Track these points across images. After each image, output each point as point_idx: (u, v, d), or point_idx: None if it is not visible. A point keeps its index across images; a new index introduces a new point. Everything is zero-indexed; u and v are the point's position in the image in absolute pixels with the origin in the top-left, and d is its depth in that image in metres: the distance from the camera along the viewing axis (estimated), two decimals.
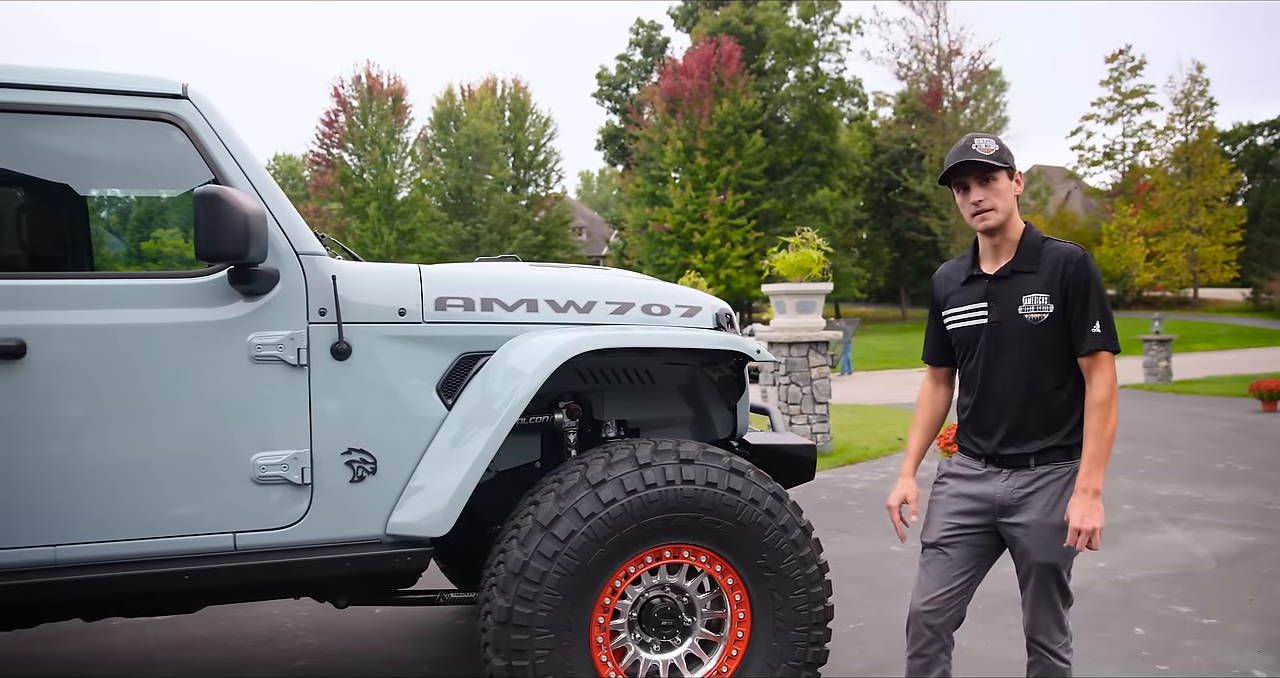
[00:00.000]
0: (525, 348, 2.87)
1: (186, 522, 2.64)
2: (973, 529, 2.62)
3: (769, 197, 40.43)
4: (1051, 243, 2.56)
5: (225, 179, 2.68)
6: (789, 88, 43.00)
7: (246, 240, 2.50)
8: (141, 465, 2.59)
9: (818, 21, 43.86)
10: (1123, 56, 41.25)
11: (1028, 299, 2.51)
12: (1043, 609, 2.58)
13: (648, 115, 41.42)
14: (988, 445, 2.59)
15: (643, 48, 47.53)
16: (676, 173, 39.11)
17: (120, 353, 2.57)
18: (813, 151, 41.61)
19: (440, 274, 2.97)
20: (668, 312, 3.24)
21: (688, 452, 2.88)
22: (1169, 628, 4.23)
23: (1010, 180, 2.54)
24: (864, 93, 46.60)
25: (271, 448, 2.70)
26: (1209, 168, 38.09)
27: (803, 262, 9.70)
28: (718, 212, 37.65)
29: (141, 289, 2.63)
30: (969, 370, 2.65)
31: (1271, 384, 13.24)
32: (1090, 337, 2.45)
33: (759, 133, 39.07)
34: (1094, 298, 2.46)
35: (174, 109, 2.67)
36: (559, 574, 2.69)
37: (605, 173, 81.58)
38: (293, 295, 2.72)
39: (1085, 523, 2.39)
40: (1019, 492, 2.54)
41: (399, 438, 2.83)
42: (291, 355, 2.70)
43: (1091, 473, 2.42)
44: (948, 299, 2.71)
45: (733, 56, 38.36)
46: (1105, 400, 2.43)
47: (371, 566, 2.76)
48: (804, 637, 2.94)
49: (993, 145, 2.53)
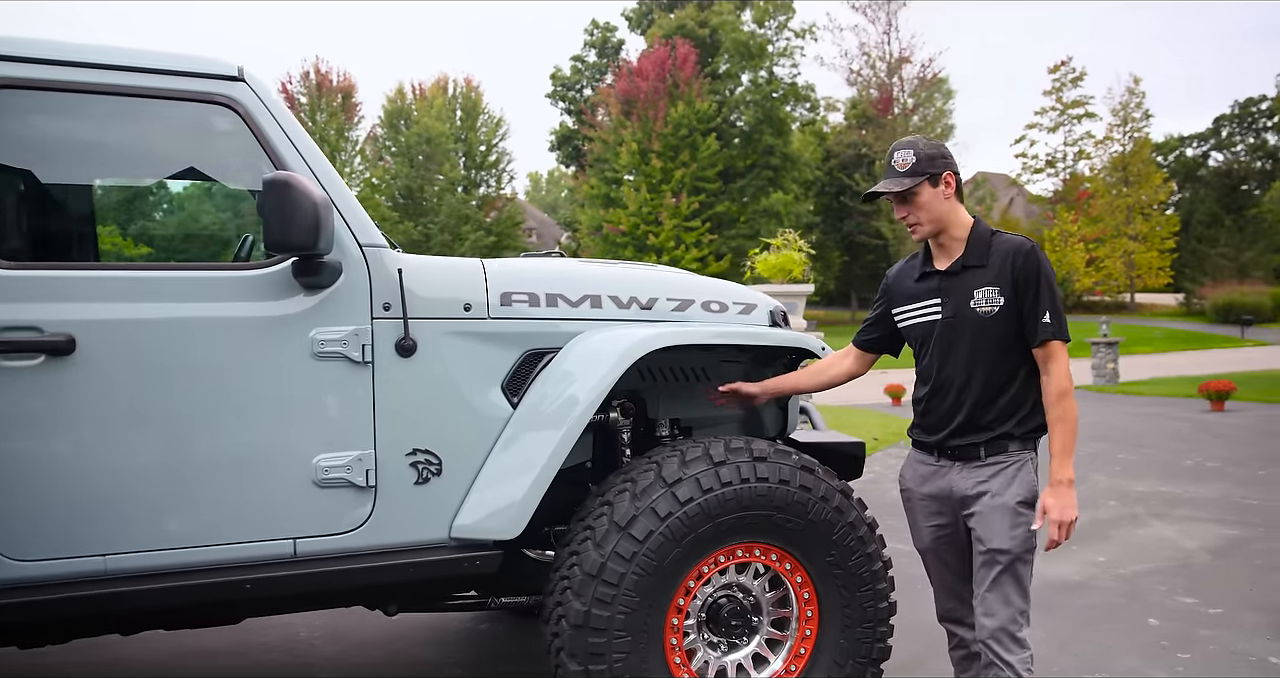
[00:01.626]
0: (595, 344, 2.79)
1: (244, 528, 2.51)
2: (951, 527, 2.65)
3: (723, 199, 40.56)
4: (1000, 236, 2.57)
5: (284, 166, 2.56)
6: (743, 92, 43.24)
7: (317, 230, 2.39)
8: (196, 468, 2.46)
9: (772, 26, 44.20)
10: (1064, 68, 42.24)
11: (979, 293, 2.52)
12: (997, 606, 2.48)
13: (602, 117, 41.32)
14: (939, 436, 2.60)
15: (597, 49, 47.44)
16: (631, 175, 39.05)
17: (175, 349, 2.44)
18: (767, 155, 41.87)
19: (504, 268, 2.88)
20: (726, 309, 3.19)
21: (760, 449, 2.82)
22: (1180, 619, 4.30)
23: (936, 187, 2.54)
24: (816, 98, 47.04)
25: (334, 449, 2.58)
26: (1145, 177, 39.17)
27: (784, 263, 9.73)
28: (672, 214, 37.67)
29: (198, 281, 2.50)
30: (923, 366, 2.66)
31: (1219, 385, 13.66)
32: (1042, 327, 2.46)
33: (714, 136, 39.19)
34: (1044, 289, 2.47)
35: (229, 92, 2.55)
36: (636, 576, 2.62)
37: (555, 174, 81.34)
38: (356, 289, 2.61)
39: (1065, 514, 2.40)
40: (971, 481, 2.55)
41: (464, 438, 2.73)
42: (356, 352, 2.58)
43: (1063, 464, 2.43)
44: (899, 296, 2.74)
45: (688, 59, 38.45)
46: (1064, 390, 2.45)
47: (439, 571, 2.66)
48: (870, 633, 2.91)
49: (910, 157, 2.53)
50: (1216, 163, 49.87)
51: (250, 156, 2.58)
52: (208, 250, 5.82)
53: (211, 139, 2.68)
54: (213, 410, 2.47)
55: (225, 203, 5.13)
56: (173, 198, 5.22)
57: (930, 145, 2.58)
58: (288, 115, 2.60)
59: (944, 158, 2.56)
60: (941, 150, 2.58)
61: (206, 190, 5.09)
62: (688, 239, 37.87)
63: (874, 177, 41.75)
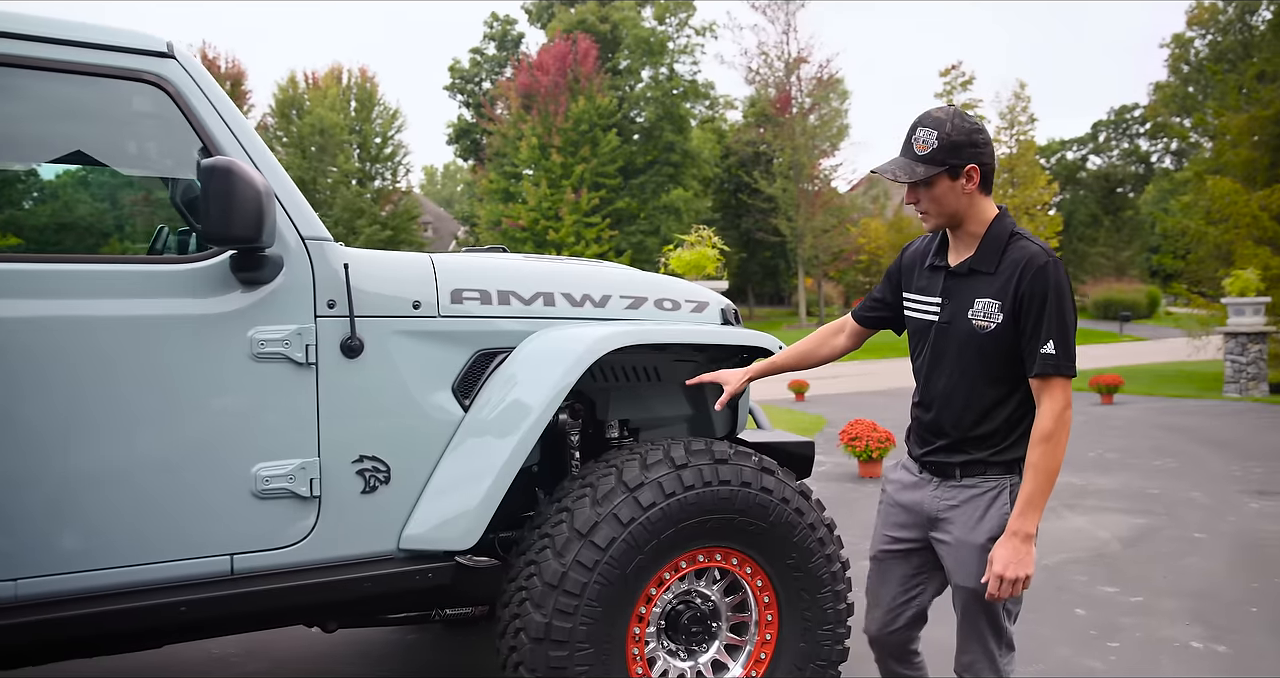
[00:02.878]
0: (551, 344, 2.67)
1: (175, 544, 2.31)
2: (909, 543, 2.42)
3: (623, 195, 40.57)
4: (1018, 241, 2.21)
5: (219, 151, 2.36)
6: (644, 88, 43.32)
7: (260, 221, 2.20)
8: (122, 481, 2.24)
9: (673, 23, 44.38)
10: (955, 71, 43.54)
11: (979, 303, 2.22)
12: (970, 642, 2.34)
13: (501, 111, 40.79)
14: (922, 450, 2.39)
15: (497, 42, 46.80)
16: (531, 170, 38.70)
17: (98, 350, 2.22)
18: (667, 152, 42.05)
19: (454, 264, 2.73)
20: (678, 307, 3.11)
21: (721, 451, 2.75)
22: (1104, 608, 4.43)
23: (956, 179, 2.18)
24: (716, 95, 47.49)
25: (275, 457, 2.40)
26: (1030, 178, 40.65)
27: (698, 259, 9.72)
28: (572, 210, 37.47)
29: (123, 276, 2.28)
30: (917, 365, 2.42)
31: (1108, 379, 14.27)
32: (1041, 358, 2.13)
33: (614, 132, 39.13)
34: (1050, 312, 2.13)
35: (159, 69, 2.33)
36: (600, 585, 2.51)
37: (451, 168, 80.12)
38: (298, 285, 2.43)
39: (1010, 571, 2.11)
40: (944, 503, 2.32)
41: (414, 443, 2.58)
42: (299, 352, 2.40)
43: (1025, 513, 2.13)
44: (910, 279, 2.44)
45: (589, 55, 38.28)
46: (1050, 433, 2.12)
47: (391, 585, 2.50)
48: (829, 635, 2.88)
49: (932, 140, 2.16)
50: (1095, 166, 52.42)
51: (169, 141, 2.38)
52: (84, 243, 5.42)
53: (131, 121, 2.45)
54: (140, 417, 2.26)
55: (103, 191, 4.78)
56: (44, 185, 4.83)
57: (960, 128, 2.16)
58: (222, 96, 2.40)
59: (972, 147, 2.17)
60: (972, 137, 2.18)
61: (84, 177, 4.73)
62: (588, 235, 37.75)
63: (772, 174, 42.42)
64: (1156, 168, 51.02)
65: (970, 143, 2.18)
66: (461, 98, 47.86)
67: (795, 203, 41.11)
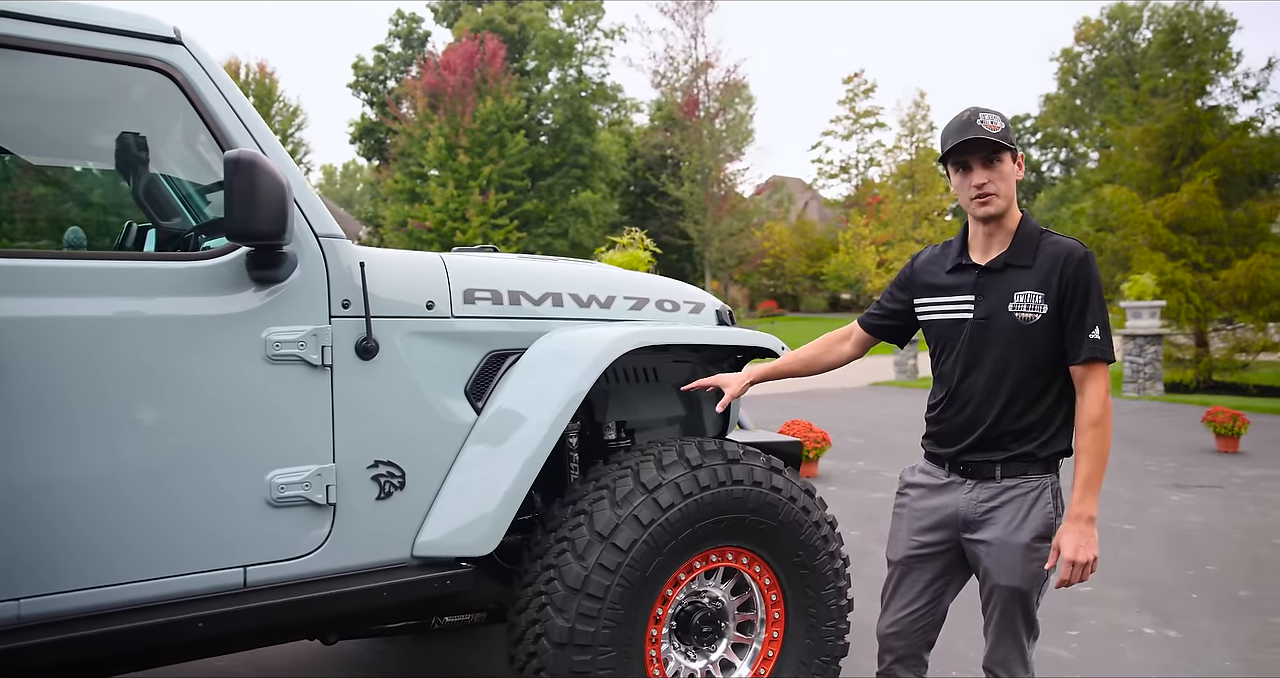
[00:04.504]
0: (566, 345, 2.64)
1: (185, 558, 2.20)
2: (937, 546, 2.42)
3: (531, 197, 40.31)
4: (1050, 237, 2.31)
5: (230, 143, 2.26)
6: (552, 89, 43.13)
7: (284, 217, 2.12)
8: (131, 492, 2.12)
9: (581, 25, 44.31)
10: (857, 79, 44.79)
11: (1020, 296, 2.27)
12: (1005, 639, 2.37)
13: (407, 110, 40.04)
14: (953, 450, 2.37)
15: (402, 40, 45.87)
16: (437, 170, 38.10)
17: (107, 353, 2.10)
18: (575, 154, 41.94)
19: (465, 264, 2.68)
20: (678, 308, 3.11)
21: (733, 451, 2.76)
22: (1057, 598, 4.56)
23: (1014, 163, 2.28)
24: (623, 98, 47.60)
25: (291, 464, 2.30)
26: (929, 184, 42.04)
27: (630, 261, 9.72)
28: (480, 211, 37.01)
29: (133, 273, 2.16)
30: (944, 368, 2.40)
31: None
32: (1088, 343, 2.22)
33: (522, 133, 38.81)
34: (1094, 301, 2.23)
35: (166, 55, 2.22)
36: (622, 587, 2.49)
37: (350, 167, 78.24)
38: (313, 284, 2.34)
39: (1080, 555, 2.18)
40: (982, 505, 2.32)
41: (428, 447, 2.52)
42: (314, 354, 2.31)
43: (1085, 498, 2.19)
44: (923, 287, 2.46)
45: (497, 55, 37.86)
46: (1100, 417, 2.21)
47: (410, 593, 2.42)
48: (833, 631, 2.92)
49: (999, 122, 2.25)
50: None
51: (172, 132, 2.26)
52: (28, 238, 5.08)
53: (133, 110, 2.32)
54: (150, 423, 2.15)
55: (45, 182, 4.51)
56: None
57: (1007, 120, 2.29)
58: (231, 85, 2.30)
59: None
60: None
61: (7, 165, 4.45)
62: (495, 236, 37.35)
63: (680, 178, 42.74)
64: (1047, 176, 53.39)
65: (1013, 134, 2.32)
66: (365, 96, 46.80)
67: (703, 206, 41.51)
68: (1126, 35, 37.49)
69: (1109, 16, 48.84)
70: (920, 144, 41.73)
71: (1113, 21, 44.90)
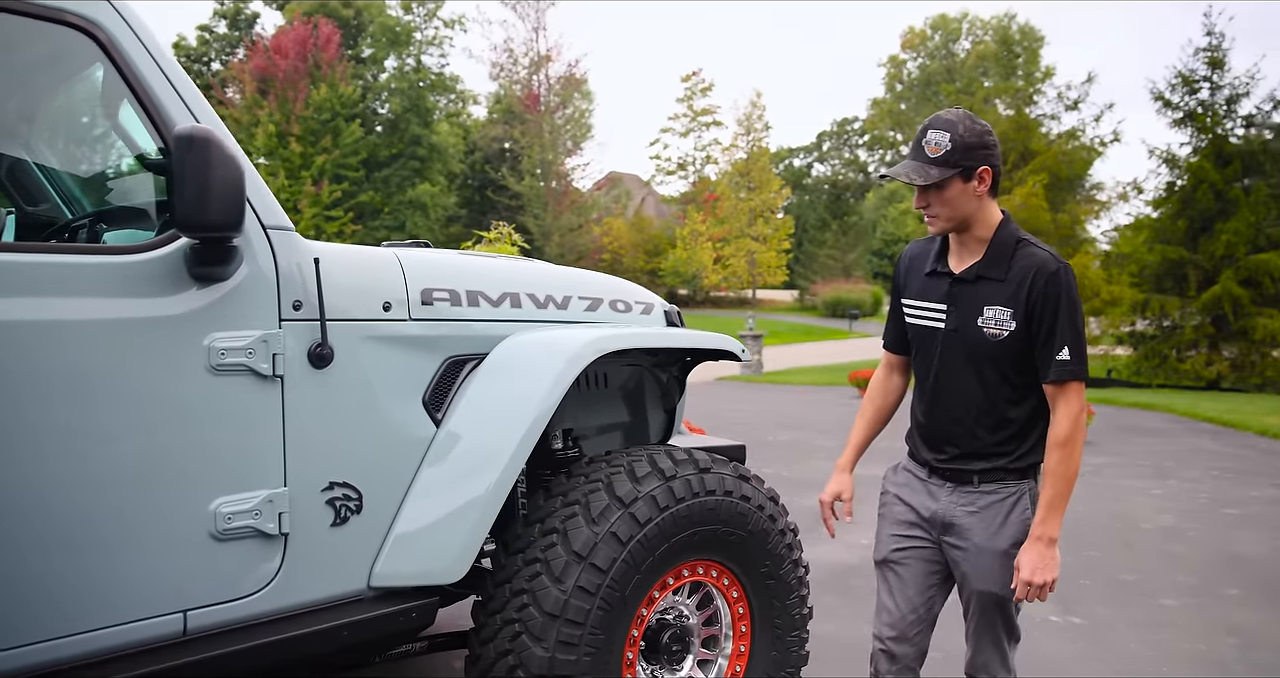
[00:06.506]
0: (533, 350, 2.44)
1: (116, 607, 1.87)
2: (920, 543, 2.38)
3: (367, 189, 38.92)
4: (1026, 248, 2.21)
5: (164, 118, 1.94)
6: (389, 78, 41.73)
7: (242, 204, 1.83)
8: (51, 532, 1.78)
9: (420, 13, 43.05)
10: (695, 78, 45.54)
11: (989, 311, 2.20)
12: (985, 643, 2.36)
13: (234, 94, 37.77)
14: (931, 456, 2.35)
15: (229, 20, 43.21)
16: (267, 159, 36.15)
17: (19, 363, 1.75)
18: (413, 146, 40.78)
19: (421, 261, 2.43)
20: (630, 309, 2.96)
21: (703, 460, 2.63)
22: None
23: (969, 182, 2.16)
24: (462, 90, 46.61)
25: (239, 490, 2.01)
26: (764, 183, 43.30)
27: None
28: (313, 202, 35.39)
29: (51, 270, 1.81)
30: (921, 373, 2.38)
31: (866, 374, 15.39)
32: (1056, 364, 2.14)
33: (358, 122, 37.41)
34: (1063, 318, 2.14)
35: (90, 13, 1.87)
36: (602, 611, 2.32)
37: None
38: (260, 283, 2.05)
39: (1037, 576, 2.14)
40: (960, 509, 2.29)
41: (386, 466, 2.26)
42: (264, 363, 2.02)
43: (1048, 519, 2.16)
44: (909, 286, 2.40)
45: (331, 40, 36.26)
46: (1067, 438, 2.14)
47: (371, 630, 2.16)
48: (796, 640, 2.84)
49: (945, 142, 2.13)
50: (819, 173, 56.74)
51: (116, 101, 1.92)
52: None
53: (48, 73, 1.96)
54: (77, 450, 1.81)
55: None
56: None
57: (973, 131, 2.14)
58: (164, 50, 1.97)
59: (985, 149, 2.15)
60: (984, 139, 2.16)
61: None
62: (329, 229, 35.83)
63: (520, 172, 42.26)
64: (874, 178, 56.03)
65: (982, 145, 2.16)
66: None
67: (543, 201, 41.21)
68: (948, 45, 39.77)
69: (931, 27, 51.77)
70: (756, 143, 42.87)
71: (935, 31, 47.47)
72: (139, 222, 2.25)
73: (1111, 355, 18.81)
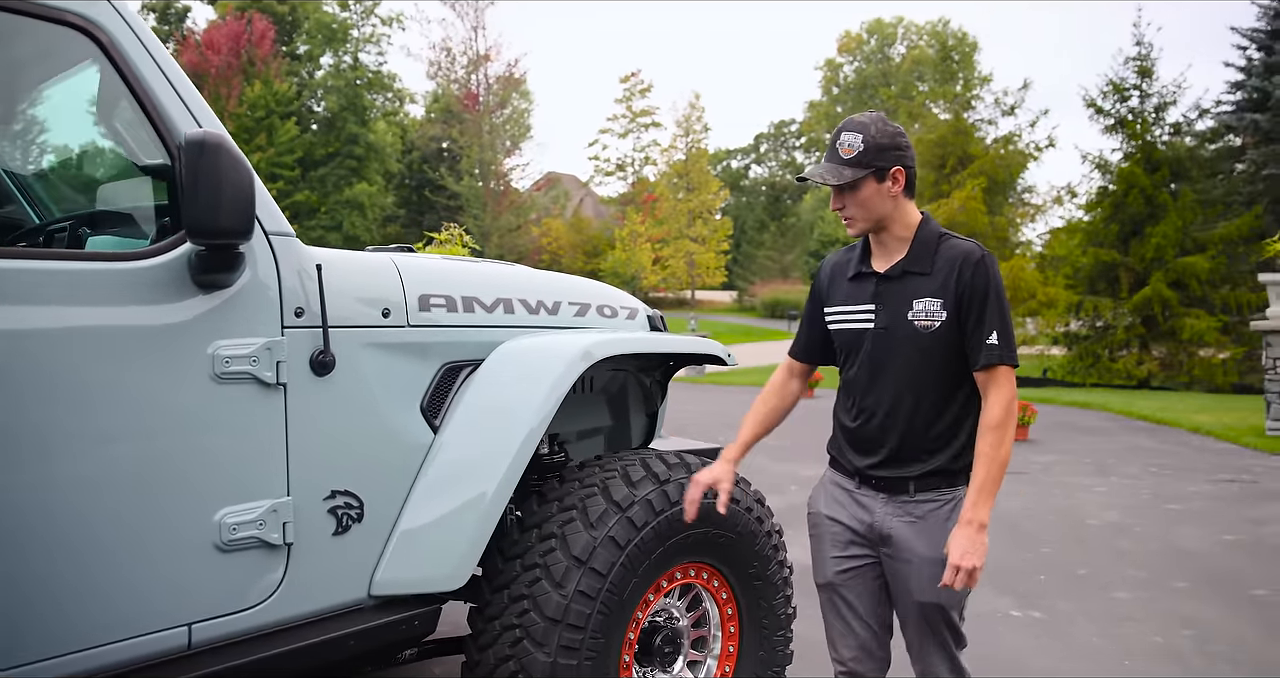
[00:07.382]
0: (533, 355, 2.45)
1: (121, 622, 1.83)
2: (862, 560, 2.33)
3: (302, 188, 38.26)
4: (949, 240, 2.25)
5: (166, 122, 1.90)
6: (325, 76, 41.05)
7: (253, 210, 1.81)
8: (54, 546, 1.74)
9: (358, 10, 42.41)
10: (634, 79, 45.65)
11: (918, 304, 2.21)
12: (936, 659, 2.31)
13: None
14: (863, 463, 2.29)
15: (158, 14, 42.01)
16: None
17: (23, 371, 1.71)
18: (350, 144, 40.18)
19: (417, 267, 2.42)
20: (615, 314, 2.98)
21: (694, 463, 2.66)
22: None
23: (882, 182, 2.18)
24: (399, 88, 46.06)
25: (243, 499, 1.98)
26: (703, 184, 43.61)
27: None
28: None
29: (50, 277, 1.77)
30: (850, 378, 2.34)
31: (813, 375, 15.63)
32: (986, 349, 2.16)
33: (293, 120, 36.77)
34: (992, 305, 2.17)
35: (89, 12, 1.83)
36: (602, 615, 2.33)
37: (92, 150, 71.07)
38: (263, 290, 2.02)
39: (965, 560, 2.08)
40: (896, 521, 2.25)
41: (386, 474, 2.26)
42: (269, 371, 2.00)
43: (978, 503, 2.12)
44: (832, 295, 2.38)
45: (265, 36, 35.60)
46: (1000, 422, 2.15)
47: (375, 639, 2.15)
48: (782, 640, 2.89)
49: (857, 143, 2.16)
50: (757, 175, 57.24)
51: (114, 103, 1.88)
52: None
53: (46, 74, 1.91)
54: (80, 461, 1.77)
55: None
56: None
57: (885, 132, 2.19)
58: (163, 51, 1.93)
59: (897, 150, 2.18)
60: (896, 140, 2.19)
61: None
62: None
63: (458, 172, 41.92)
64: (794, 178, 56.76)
65: (894, 146, 2.19)
66: None
67: (482, 201, 40.93)
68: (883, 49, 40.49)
69: (867, 31, 52.66)
70: (695, 145, 43.10)
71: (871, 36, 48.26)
72: (127, 226, 2.21)
73: (1047, 355, 19.38)
